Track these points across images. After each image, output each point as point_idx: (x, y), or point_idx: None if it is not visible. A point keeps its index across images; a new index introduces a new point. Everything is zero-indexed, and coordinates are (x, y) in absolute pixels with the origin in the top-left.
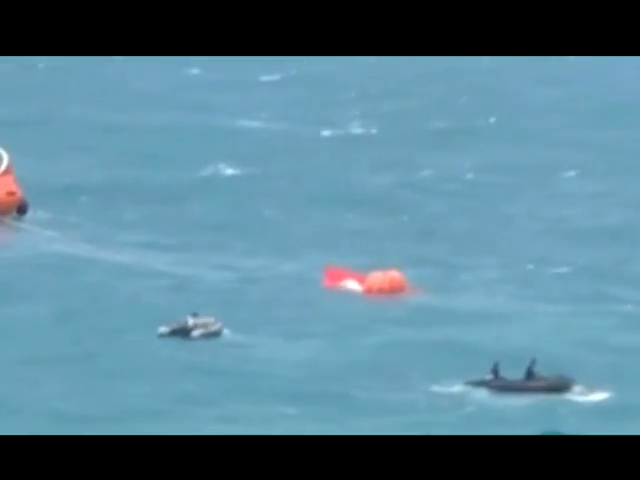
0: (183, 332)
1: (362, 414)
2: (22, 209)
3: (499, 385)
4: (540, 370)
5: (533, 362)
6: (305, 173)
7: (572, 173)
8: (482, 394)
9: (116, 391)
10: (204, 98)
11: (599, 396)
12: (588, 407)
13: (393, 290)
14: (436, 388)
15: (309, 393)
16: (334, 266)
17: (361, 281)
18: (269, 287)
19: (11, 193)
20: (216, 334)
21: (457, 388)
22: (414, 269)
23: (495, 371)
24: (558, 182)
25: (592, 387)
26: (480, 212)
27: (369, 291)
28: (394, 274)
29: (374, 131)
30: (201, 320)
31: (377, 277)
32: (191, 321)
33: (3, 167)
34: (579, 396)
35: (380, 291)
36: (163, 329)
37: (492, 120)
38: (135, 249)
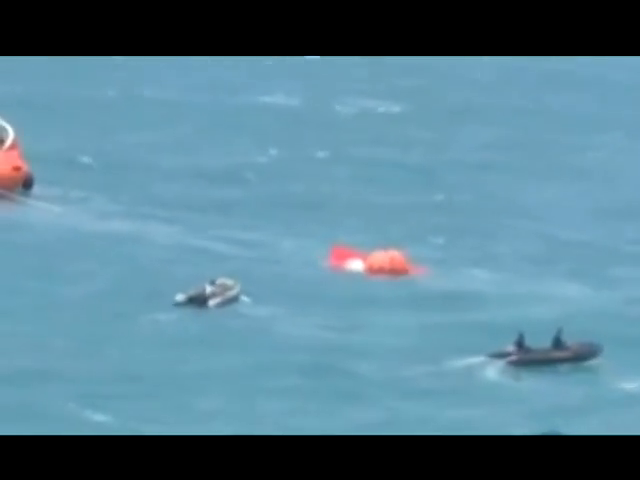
0: (200, 300)
1: (371, 390)
2: (28, 184)
3: (523, 356)
4: (567, 340)
5: (560, 331)
6: (325, 151)
7: (589, 152)
8: (502, 366)
9: (131, 366)
10: (209, 76)
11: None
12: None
13: (394, 269)
14: (449, 363)
15: (316, 367)
16: (342, 245)
17: (365, 260)
18: (280, 263)
19: (17, 168)
20: (234, 299)
21: (475, 360)
22: (427, 247)
23: (519, 343)
24: (575, 160)
25: (623, 371)
26: (494, 189)
27: (370, 270)
28: (394, 253)
29: (396, 109)
30: (219, 283)
31: (378, 256)
32: (209, 288)
33: (9, 142)
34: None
35: (380, 270)
36: (179, 297)
37: (510, 96)
38: (143, 222)
